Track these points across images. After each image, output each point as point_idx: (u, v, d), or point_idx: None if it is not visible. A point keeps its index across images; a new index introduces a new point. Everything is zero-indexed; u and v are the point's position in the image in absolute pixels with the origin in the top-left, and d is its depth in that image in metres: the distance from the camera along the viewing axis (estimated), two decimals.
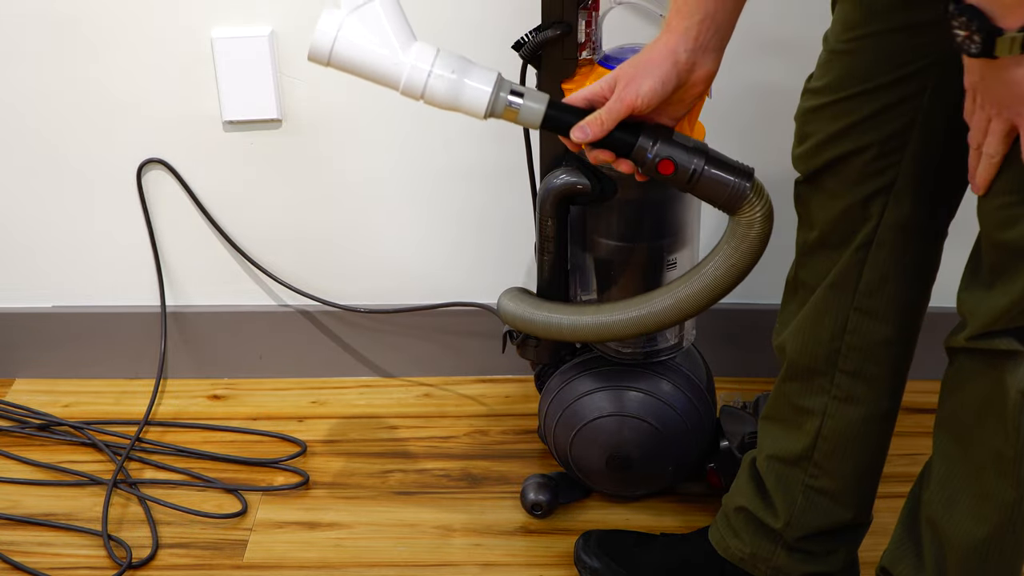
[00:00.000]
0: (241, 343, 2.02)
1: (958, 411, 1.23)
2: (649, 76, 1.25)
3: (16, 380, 2.06)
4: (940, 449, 1.26)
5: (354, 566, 1.66)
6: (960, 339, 1.19)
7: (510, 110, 1.30)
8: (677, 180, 1.32)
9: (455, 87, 1.28)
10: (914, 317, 1.37)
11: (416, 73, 1.28)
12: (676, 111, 1.31)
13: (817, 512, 1.43)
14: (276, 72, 1.82)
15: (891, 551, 1.34)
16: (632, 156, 1.31)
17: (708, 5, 1.24)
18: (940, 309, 1.90)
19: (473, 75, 1.29)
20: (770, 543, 1.47)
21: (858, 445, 1.40)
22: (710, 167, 1.32)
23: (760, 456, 1.47)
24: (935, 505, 1.25)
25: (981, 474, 1.19)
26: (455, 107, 1.30)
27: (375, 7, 1.28)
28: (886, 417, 1.41)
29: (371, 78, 1.30)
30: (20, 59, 1.83)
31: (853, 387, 1.37)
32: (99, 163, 1.91)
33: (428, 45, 1.29)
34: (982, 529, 1.20)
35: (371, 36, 1.28)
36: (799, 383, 1.40)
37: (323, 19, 1.27)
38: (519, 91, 1.31)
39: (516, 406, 1.96)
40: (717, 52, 1.27)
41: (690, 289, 1.42)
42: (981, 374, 1.18)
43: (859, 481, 1.43)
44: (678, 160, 1.31)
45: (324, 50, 1.28)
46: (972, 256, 1.20)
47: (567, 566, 1.65)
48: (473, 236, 1.94)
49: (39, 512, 1.77)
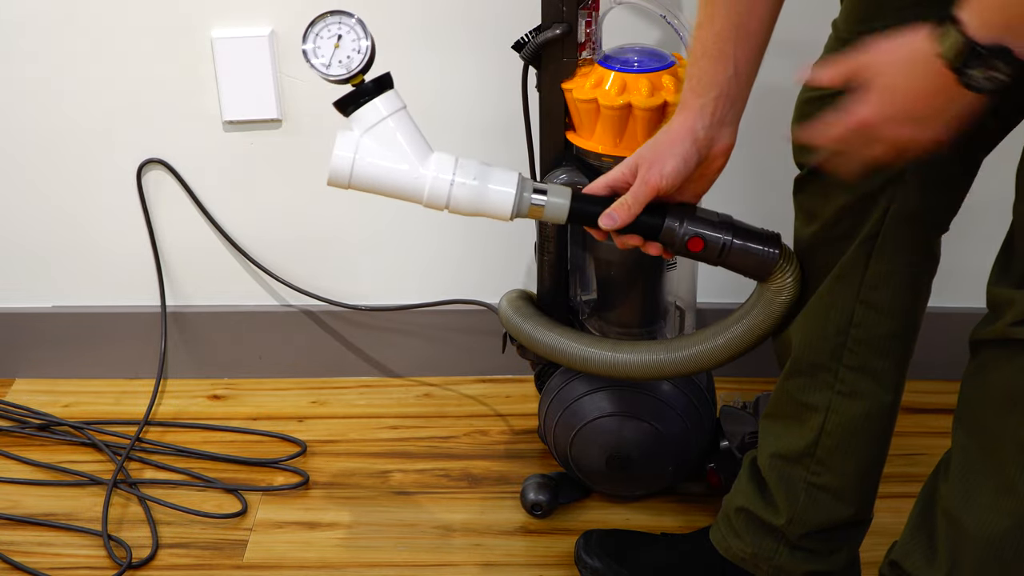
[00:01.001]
0: (241, 343, 2.02)
1: (981, 404, 1.22)
2: (671, 156, 1.27)
3: (16, 380, 2.06)
4: (960, 442, 1.25)
5: (354, 566, 1.66)
6: (997, 327, 1.18)
7: (535, 208, 1.31)
8: (707, 256, 1.34)
9: (478, 193, 1.29)
10: (917, 311, 1.37)
11: (439, 184, 1.29)
12: (698, 188, 1.32)
13: (819, 509, 1.43)
14: (276, 72, 1.82)
15: (902, 544, 1.34)
16: (661, 238, 1.32)
17: (722, 82, 1.25)
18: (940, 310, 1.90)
19: (495, 179, 1.30)
20: (772, 542, 1.47)
21: (860, 441, 1.40)
22: (738, 239, 1.33)
23: (762, 455, 1.47)
24: (953, 498, 1.25)
25: (1004, 467, 1.19)
26: (480, 212, 1.31)
27: (388, 124, 1.29)
28: (888, 412, 1.41)
29: (392, 194, 1.31)
30: (20, 59, 1.83)
31: (857, 382, 1.37)
32: (99, 163, 1.91)
33: (446, 155, 1.30)
34: (1003, 522, 1.20)
35: (388, 153, 1.29)
36: (803, 379, 1.40)
37: (339, 142, 1.28)
38: (541, 188, 1.31)
39: (516, 406, 1.97)
40: (733, 126, 1.29)
41: (712, 344, 1.44)
42: (1009, 364, 1.18)
43: (861, 478, 1.43)
44: (707, 237, 1.32)
45: (344, 174, 1.29)
46: (1003, 251, 1.20)
47: (567, 566, 1.65)
48: (473, 236, 1.94)
49: (39, 512, 1.77)
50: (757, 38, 1.25)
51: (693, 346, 1.45)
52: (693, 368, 1.46)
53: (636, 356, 1.49)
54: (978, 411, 1.23)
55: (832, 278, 1.33)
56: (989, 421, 1.21)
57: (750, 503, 1.48)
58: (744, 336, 1.41)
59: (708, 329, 1.45)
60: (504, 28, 1.59)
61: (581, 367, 1.53)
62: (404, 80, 1.36)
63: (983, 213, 1.75)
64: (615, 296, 1.64)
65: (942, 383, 1.87)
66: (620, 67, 1.50)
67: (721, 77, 1.25)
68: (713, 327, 1.45)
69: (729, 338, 1.42)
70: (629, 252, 1.59)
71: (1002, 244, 1.21)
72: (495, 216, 1.31)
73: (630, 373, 1.50)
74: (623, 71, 1.50)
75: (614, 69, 1.50)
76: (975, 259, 1.46)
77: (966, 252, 1.81)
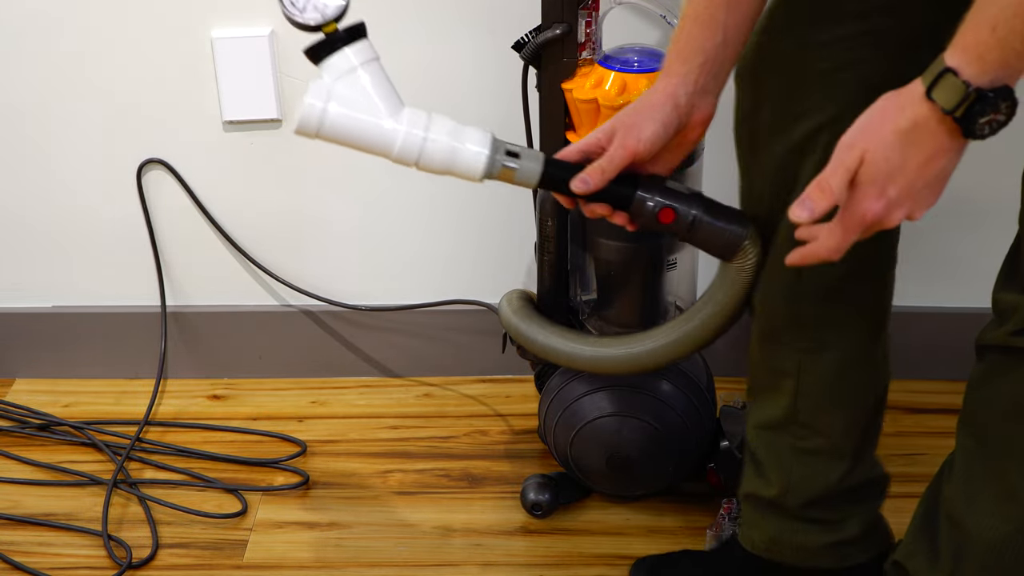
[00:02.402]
0: (241, 343, 2.02)
1: (985, 408, 1.22)
2: (651, 121, 1.25)
3: (16, 380, 2.06)
4: (964, 446, 1.25)
5: (354, 566, 1.66)
6: (1000, 334, 1.18)
7: (507, 170, 1.28)
8: (676, 228, 1.31)
9: (451, 151, 1.25)
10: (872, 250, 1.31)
11: (411, 139, 1.25)
12: (673, 158, 1.30)
13: (813, 474, 1.41)
14: (276, 72, 1.82)
15: (906, 545, 1.34)
16: (631, 208, 1.30)
17: (709, 48, 1.24)
18: (941, 310, 1.91)
19: (468, 138, 1.26)
20: (782, 522, 1.45)
21: (841, 393, 1.38)
22: (708, 215, 1.31)
23: (748, 429, 1.46)
24: (956, 501, 1.24)
25: (1007, 474, 1.19)
26: (450, 170, 1.27)
27: (360, 75, 1.25)
28: (865, 359, 1.38)
29: (362, 147, 1.27)
30: (20, 59, 1.83)
31: (819, 335, 1.35)
32: (99, 163, 1.91)
33: (419, 110, 1.26)
34: (1005, 527, 1.19)
35: (361, 104, 1.25)
36: (769, 345, 1.38)
37: (310, 91, 1.24)
38: (515, 151, 1.28)
39: (516, 406, 1.97)
40: (715, 96, 1.27)
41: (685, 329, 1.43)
42: (1013, 372, 1.17)
43: (850, 433, 1.40)
44: (678, 209, 1.30)
45: (313, 123, 1.24)
46: (1009, 258, 1.19)
47: (567, 566, 1.65)
48: (473, 236, 1.94)
49: (39, 512, 1.77)
50: (749, 6, 1.24)
51: (671, 335, 1.44)
52: (675, 356, 1.45)
53: (618, 351, 1.48)
54: (982, 416, 1.23)
55: (780, 236, 1.31)
56: (993, 427, 1.21)
57: (751, 485, 1.47)
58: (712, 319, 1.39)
59: (680, 317, 1.44)
60: (504, 28, 1.59)
61: (567, 364, 1.54)
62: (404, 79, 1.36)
63: (984, 214, 1.75)
64: (615, 296, 1.64)
65: (942, 383, 1.87)
66: (620, 67, 1.50)
67: (709, 44, 1.23)
68: (683, 315, 1.44)
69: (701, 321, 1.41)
70: (629, 252, 1.60)
71: (1009, 250, 1.20)
72: (465, 176, 1.27)
73: (612, 368, 1.50)
74: (623, 71, 1.50)
75: (614, 69, 1.50)
76: (975, 259, 1.46)
77: (967, 252, 1.81)
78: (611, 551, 1.67)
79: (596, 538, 1.70)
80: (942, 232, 1.81)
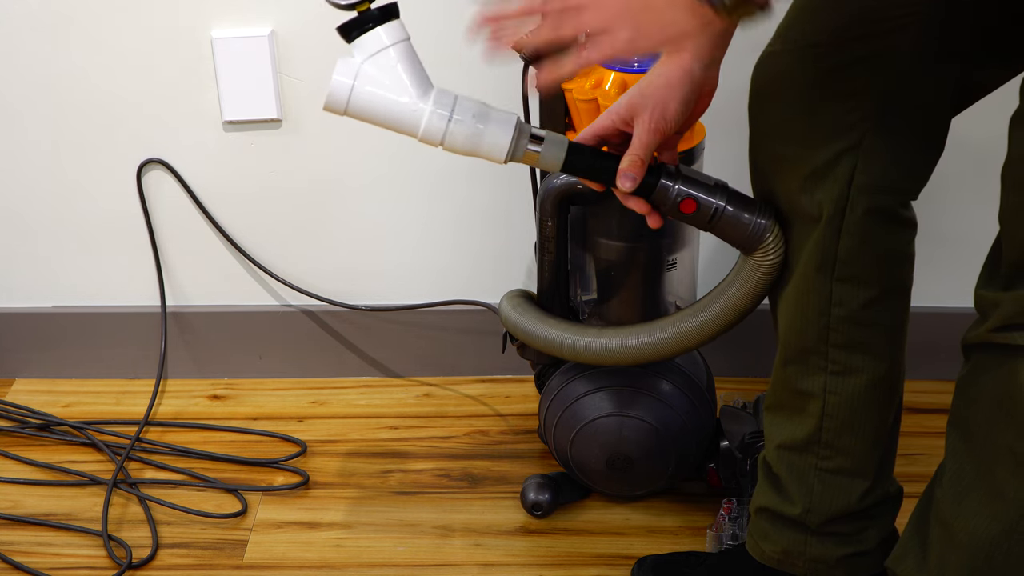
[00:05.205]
0: (241, 343, 2.02)
1: (971, 408, 1.22)
2: (673, 100, 1.24)
3: (16, 380, 2.06)
4: (952, 447, 1.25)
5: (354, 566, 1.66)
6: (981, 332, 1.18)
7: (530, 154, 1.28)
8: (698, 219, 1.31)
9: (476, 132, 1.26)
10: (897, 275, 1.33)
11: (436, 119, 1.26)
12: (675, 138, 1.30)
13: (836, 494, 1.41)
14: (276, 72, 1.82)
15: (898, 548, 1.33)
16: (653, 197, 1.29)
17: None
18: (941, 310, 1.90)
19: (493, 120, 1.27)
20: (797, 535, 1.45)
21: (864, 416, 1.38)
22: (732, 205, 1.30)
23: (769, 448, 1.46)
24: (945, 502, 1.24)
25: (993, 472, 1.19)
26: (475, 152, 1.28)
27: (390, 53, 1.26)
28: (887, 381, 1.38)
29: (389, 126, 1.28)
30: (20, 59, 1.84)
31: (848, 359, 1.35)
32: (99, 163, 1.91)
33: (446, 91, 1.28)
34: (993, 527, 1.19)
35: (388, 83, 1.26)
36: (795, 366, 1.38)
37: (339, 67, 1.25)
38: (539, 136, 1.28)
39: (516, 406, 1.97)
40: (719, 66, 1.27)
41: (692, 323, 1.43)
42: (997, 369, 1.17)
43: (872, 453, 1.41)
44: (701, 200, 1.29)
45: (341, 100, 1.26)
46: (990, 255, 1.20)
47: (567, 566, 1.65)
48: (473, 236, 1.94)
49: (39, 512, 1.77)
50: None
51: (677, 328, 1.44)
52: (679, 349, 1.46)
53: (622, 342, 1.48)
54: (968, 415, 1.22)
55: (805, 262, 1.31)
56: (979, 425, 1.21)
57: (768, 501, 1.46)
58: (724, 314, 1.40)
59: (687, 309, 1.44)
60: None
61: (570, 356, 1.54)
62: None
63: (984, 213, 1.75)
64: (615, 296, 1.64)
65: (942, 383, 1.87)
66: (620, 67, 1.50)
67: None
68: (691, 307, 1.44)
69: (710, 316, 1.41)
70: (629, 252, 1.59)
71: (991, 247, 1.20)
72: (489, 158, 1.28)
73: (616, 359, 1.50)
74: (623, 71, 1.50)
75: (614, 69, 1.50)
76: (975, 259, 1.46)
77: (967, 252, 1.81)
78: (611, 551, 1.67)
79: (596, 538, 1.70)
80: (942, 232, 1.81)
